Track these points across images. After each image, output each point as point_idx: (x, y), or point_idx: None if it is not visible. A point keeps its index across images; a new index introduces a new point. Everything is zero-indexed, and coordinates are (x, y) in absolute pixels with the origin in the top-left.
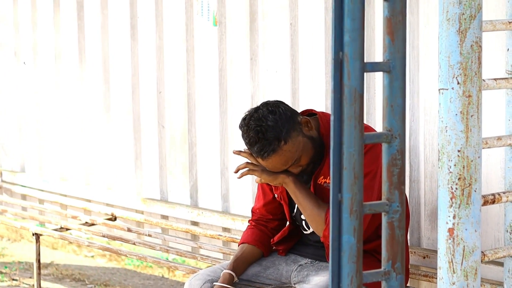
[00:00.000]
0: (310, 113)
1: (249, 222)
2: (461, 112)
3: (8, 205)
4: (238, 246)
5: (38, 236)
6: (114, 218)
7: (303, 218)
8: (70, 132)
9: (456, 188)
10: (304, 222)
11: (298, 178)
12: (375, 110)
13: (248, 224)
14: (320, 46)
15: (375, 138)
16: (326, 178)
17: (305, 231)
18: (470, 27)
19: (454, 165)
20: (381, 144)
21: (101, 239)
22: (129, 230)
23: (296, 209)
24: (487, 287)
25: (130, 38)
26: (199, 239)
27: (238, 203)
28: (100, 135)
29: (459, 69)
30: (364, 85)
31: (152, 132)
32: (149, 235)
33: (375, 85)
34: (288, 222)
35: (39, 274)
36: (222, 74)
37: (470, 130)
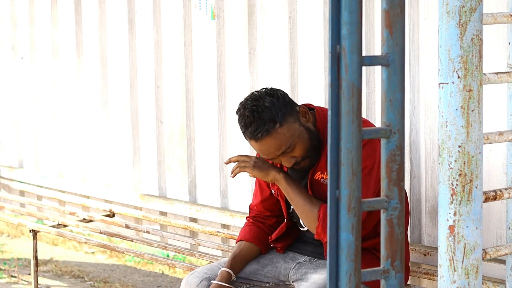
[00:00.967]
0: (307, 107)
1: (246, 219)
2: (461, 106)
3: (6, 201)
4: (236, 243)
5: (35, 232)
6: (112, 215)
7: None
8: (67, 127)
9: (456, 184)
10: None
11: (291, 175)
12: (375, 104)
13: (245, 221)
14: (319, 39)
15: (374, 133)
16: (323, 174)
17: (302, 228)
18: (470, 20)
19: (455, 161)
20: (378, 139)
21: (98, 236)
22: (127, 226)
23: None
24: (489, 285)
25: (127, 32)
26: (198, 236)
27: (237, 199)
28: (97, 131)
29: (460, 62)
30: (362, 79)
31: (150, 127)
32: (147, 232)
33: (375, 79)
34: (285, 219)
35: (37, 271)
36: (220, 69)
37: (471, 125)
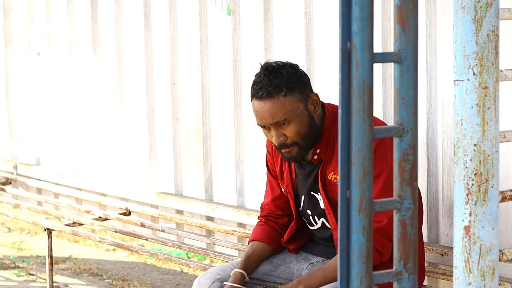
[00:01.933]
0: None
1: (258, 218)
2: (477, 104)
3: (23, 199)
4: (248, 243)
5: (50, 231)
6: (128, 213)
7: (310, 213)
8: (83, 123)
9: (472, 184)
10: (310, 217)
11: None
12: (392, 102)
13: (257, 220)
14: (335, 35)
15: (386, 132)
16: (336, 174)
17: (311, 227)
18: (486, 15)
19: (470, 160)
20: (390, 142)
21: (113, 234)
22: (142, 225)
23: (302, 203)
24: (507, 286)
25: (143, 28)
26: (214, 235)
27: (253, 198)
28: (113, 128)
29: (475, 59)
30: (373, 76)
31: (166, 124)
32: (162, 231)
33: (391, 76)
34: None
35: (52, 270)
36: (236, 65)
37: (487, 123)
